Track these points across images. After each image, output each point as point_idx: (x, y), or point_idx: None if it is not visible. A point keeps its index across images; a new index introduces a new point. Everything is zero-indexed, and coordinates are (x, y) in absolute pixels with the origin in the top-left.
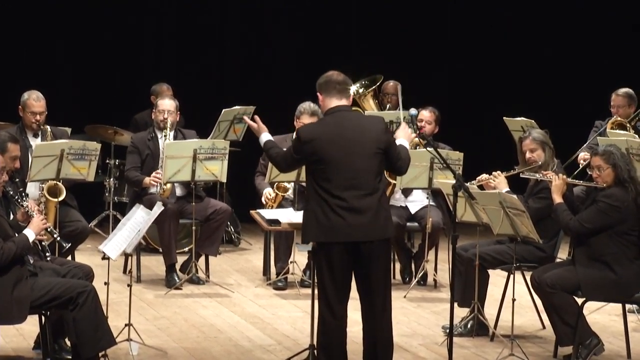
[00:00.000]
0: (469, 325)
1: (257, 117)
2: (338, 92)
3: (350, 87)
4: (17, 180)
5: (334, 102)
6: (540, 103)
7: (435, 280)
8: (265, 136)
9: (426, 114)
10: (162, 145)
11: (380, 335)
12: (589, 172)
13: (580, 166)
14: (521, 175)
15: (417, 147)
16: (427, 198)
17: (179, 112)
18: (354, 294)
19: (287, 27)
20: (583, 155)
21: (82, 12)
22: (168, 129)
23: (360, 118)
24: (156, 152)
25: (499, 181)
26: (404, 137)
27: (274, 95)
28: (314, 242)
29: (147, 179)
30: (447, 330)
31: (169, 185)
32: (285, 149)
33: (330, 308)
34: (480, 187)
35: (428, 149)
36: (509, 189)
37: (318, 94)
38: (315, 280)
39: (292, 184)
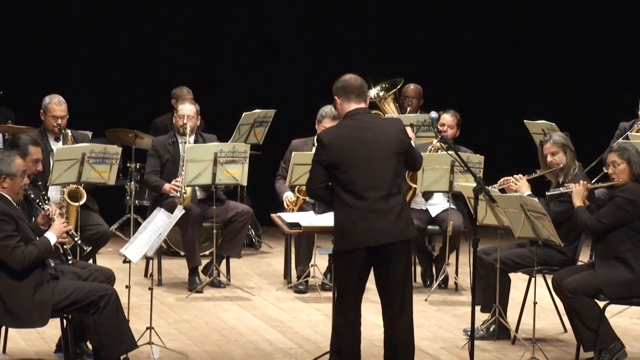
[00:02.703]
0: (490, 329)
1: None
2: (356, 96)
3: (368, 90)
4: (39, 183)
5: (353, 105)
6: (561, 106)
7: (456, 284)
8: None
9: (448, 118)
10: (182, 150)
11: (400, 337)
12: (605, 170)
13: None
14: (547, 193)
15: (439, 151)
16: (448, 201)
17: (199, 116)
18: (375, 297)
19: (307, 29)
20: None
21: (103, 16)
22: (187, 134)
23: (380, 120)
24: (176, 156)
25: (520, 184)
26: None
27: (295, 98)
28: (342, 250)
29: (166, 186)
30: (469, 334)
31: (189, 193)
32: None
33: (344, 312)
34: (502, 190)
35: (449, 152)
36: (530, 192)
37: (335, 97)
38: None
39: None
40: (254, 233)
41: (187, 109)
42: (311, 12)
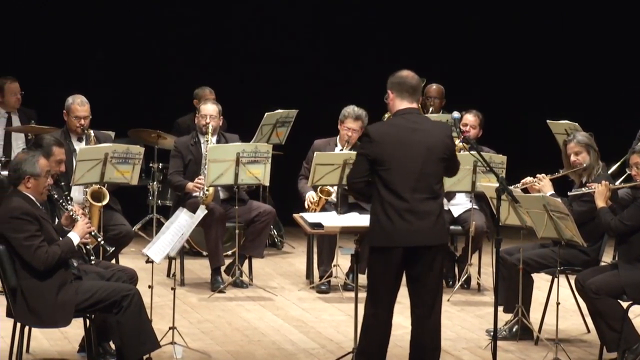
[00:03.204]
0: (513, 329)
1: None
2: (410, 95)
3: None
4: (62, 184)
5: (405, 103)
6: (585, 106)
7: (478, 284)
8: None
9: (470, 118)
10: (204, 150)
11: (427, 340)
12: (628, 171)
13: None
14: (569, 193)
15: (461, 151)
16: (471, 201)
17: (221, 117)
18: (400, 297)
19: (330, 29)
20: None
21: (125, 16)
22: (210, 134)
23: (429, 123)
24: (199, 156)
25: (543, 184)
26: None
27: (317, 98)
28: (377, 246)
29: (189, 185)
30: (491, 334)
31: (211, 191)
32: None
33: (377, 310)
34: (524, 190)
35: (471, 152)
36: (553, 192)
37: (389, 91)
38: (359, 283)
39: (336, 187)
40: (276, 233)
41: (209, 109)
42: (333, 11)
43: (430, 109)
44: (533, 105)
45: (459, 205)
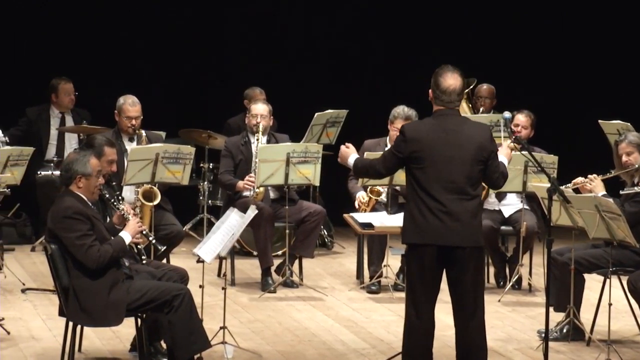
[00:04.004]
0: (564, 330)
1: (349, 144)
2: (447, 96)
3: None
4: (113, 183)
5: (443, 104)
6: (637, 106)
7: (529, 285)
8: (352, 157)
9: (522, 119)
10: (255, 150)
11: (472, 341)
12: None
13: None
14: (621, 192)
15: (512, 151)
16: (522, 202)
17: (272, 117)
18: (448, 297)
19: (381, 29)
20: None
21: (177, 17)
22: (260, 133)
23: (467, 124)
24: (249, 156)
25: (595, 184)
26: (504, 155)
27: (367, 98)
28: (409, 243)
29: (240, 183)
30: (543, 335)
31: (262, 189)
32: (380, 155)
33: (417, 311)
34: (576, 191)
35: (522, 152)
36: (605, 192)
37: (430, 91)
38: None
39: (386, 187)
40: (326, 233)
41: (259, 109)
42: (385, 11)
43: (481, 109)
44: (585, 105)
45: (510, 205)
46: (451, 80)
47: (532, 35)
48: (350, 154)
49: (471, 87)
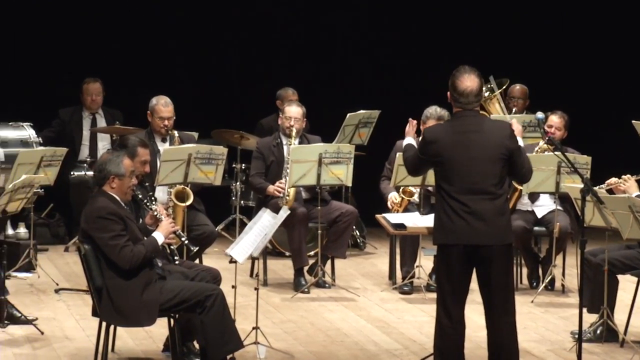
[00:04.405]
0: (598, 331)
1: (414, 121)
2: (465, 97)
3: (483, 94)
4: (146, 184)
5: (461, 106)
6: None
7: (563, 285)
8: (408, 140)
9: (556, 120)
10: (287, 152)
11: (504, 340)
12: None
13: None
14: None
15: (545, 152)
16: (555, 202)
17: (305, 118)
18: (480, 298)
19: (413, 29)
20: None
21: (207, 17)
22: (294, 137)
23: (486, 122)
24: (281, 158)
25: (628, 185)
26: (517, 133)
27: (400, 99)
28: (437, 244)
29: (270, 188)
30: (576, 336)
31: (292, 195)
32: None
33: (446, 311)
34: (609, 191)
35: (555, 153)
36: (639, 193)
37: (449, 93)
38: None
39: (418, 188)
40: (358, 234)
41: (294, 111)
42: (416, 11)
43: (514, 110)
44: (619, 106)
45: (543, 206)
46: (468, 82)
47: (567, 35)
48: (408, 135)
49: (504, 87)
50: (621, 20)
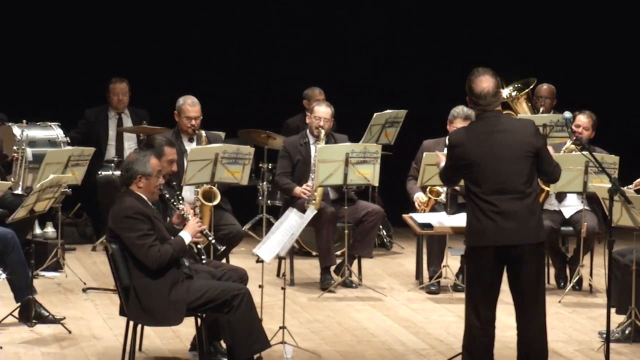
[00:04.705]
0: (626, 331)
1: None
2: (483, 99)
3: (502, 91)
4: (173, 183)
5: (481, 107)
6: None
7: (590, 286)
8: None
9: (583, 120)
10: (314, 151)
11: (533, 339)
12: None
13: None
14: None
15: (573, 152)
16: (582, 202)
17: (333, 118)
18: (508, 298)
19: (439, 29)
20: None
21: (234, 17)
22: (322, 138)
23: (510, 122)
24: (308, 157)
25: None
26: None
27: (426, 98)
28: (469, 246)
29: (297, 189)
30: (604, 336)
31: (318, 197)
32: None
33: (476, 311)
34: (638, 191)
35: (583, 152)
36: None
37: (468, 98)
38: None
39: (445, 188)
40: (385, 233)
41: (323, 111)
42: (442, 11)
43: (541, 109)
44: None
45: (570, 206)
46: (484, 83)
47: (594, 34)
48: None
49: (531, 87)
50: None
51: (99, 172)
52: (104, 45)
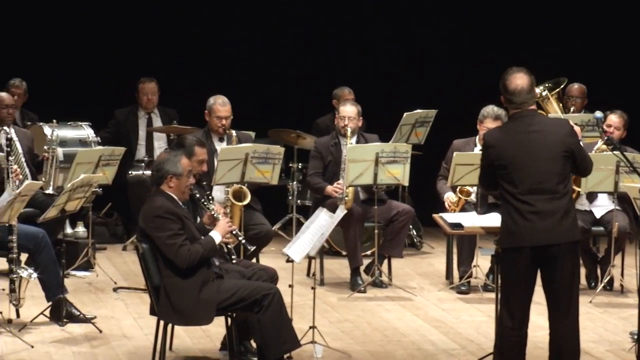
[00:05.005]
0: None
1: None
2: (517, 97)
3: (536, 89)
4: (203, 183)
5: (516, 107)
6: None
7: (621, 286)
8: None
9: (615, 119)
10: (344, 152)
11: (565, 339)
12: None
13: None
14: None
15: (604, 152)
16: (613, 202)
17: (360, 117)
18: (539, 298)
19: (468, 29)
20: None
21: (265, 18)
22: (349, 136)
23: (545, 121)
24: (339, 157)
25: None
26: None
27: (457, 98)
28: (503, 248)
29: (329, 188)
30: (635, 337)
31: (350, 196)
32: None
33: (509, 312)
34: None
35: (614, 152)
36: None
37: (502, 97)
38: (499, 283)
39: (475, 187)
40: (415, 233)
41: (348, 111)
42: (472, 11)
43: (572, 109)
44: None
45: (601, 206)
46: (518, 80)
47: (626, 33)
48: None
49: (562, 86)
50: None
51: (130, 172)
52: (134, 45)
